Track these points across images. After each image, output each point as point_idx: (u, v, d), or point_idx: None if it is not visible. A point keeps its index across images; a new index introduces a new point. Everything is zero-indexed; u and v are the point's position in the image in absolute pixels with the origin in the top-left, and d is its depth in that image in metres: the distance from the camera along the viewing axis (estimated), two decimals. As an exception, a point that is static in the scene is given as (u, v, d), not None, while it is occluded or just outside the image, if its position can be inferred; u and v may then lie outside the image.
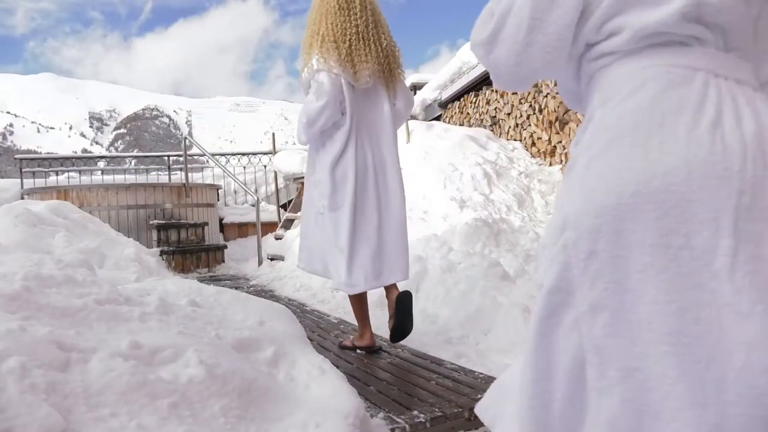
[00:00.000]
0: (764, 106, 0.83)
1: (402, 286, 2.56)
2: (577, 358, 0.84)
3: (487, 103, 7.39)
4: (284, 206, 7.89)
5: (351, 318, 3.32)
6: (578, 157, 0.88)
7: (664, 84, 0.81)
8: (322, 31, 2.37)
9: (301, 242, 2.70)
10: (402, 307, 2.42)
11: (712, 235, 0.74)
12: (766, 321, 0.72)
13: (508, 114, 6.71)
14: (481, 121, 7.60)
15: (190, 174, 7.40)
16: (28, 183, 7.36)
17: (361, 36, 2.34)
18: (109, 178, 8.01)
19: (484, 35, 0.91)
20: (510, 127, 6.67)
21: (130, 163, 10.21)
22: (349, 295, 2.56)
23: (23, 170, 7.52)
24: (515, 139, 6.52)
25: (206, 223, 6.74)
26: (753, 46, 0.86)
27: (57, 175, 7.92)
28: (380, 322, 3.13)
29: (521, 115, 6.32)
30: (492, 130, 7.13)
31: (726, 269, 0.73)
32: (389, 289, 2.53)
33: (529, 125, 6.11)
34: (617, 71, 0.87)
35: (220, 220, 7.61)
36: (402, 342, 2.63)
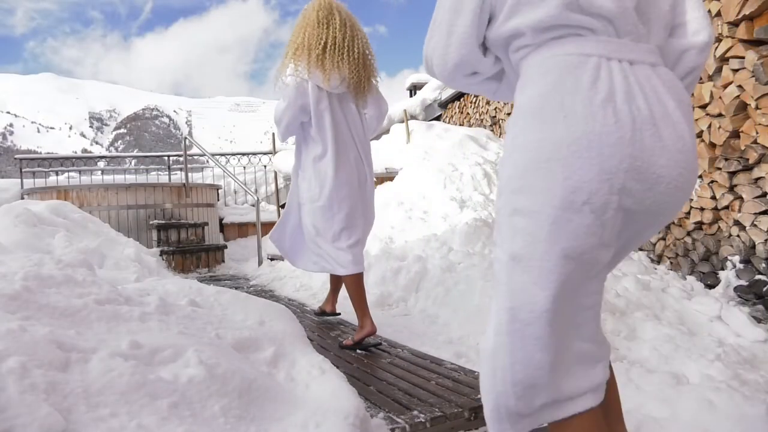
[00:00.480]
0: (660, 81, 0.98)
1: (401, 287, 2.55)
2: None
3: (487, 103, 7.39)
4: (284, 206, 7.89)
5: (351, 318, 3.31)
6: (507, 136, 1.06)
7: (561, 70, 0.97)
8: (299, 41, 2.55)
9: (280, 221, 2.92)
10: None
11: (606, 193, 0.92)
12: (609, 265, 1.01)
13: (508, 114, 6.71)
14: (481, 121, 7.60)
15: (190, 174, 7.40)
16: (28, 183, 7.36)
17: (337, 46, 2.50)
18: (109, 178, 8.01)
19: (424, 51, 1.14)
20: (510, 127, 6.67)
21: (130, 163, 10.21)
22: (348, 284, 2.68)
23: (23, 170, 7.52)
24: (515, 139, 6.51)
25: (206, 223, 6.74)
26: (646, 30, 1.01)
27: (57, 175, 7.93)
28: (380, 322, 3.13)
29: (521, 115, 6.31)
30: (492, 130, 7.13)
31: (611, 219, 0.94)
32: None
33: (529, 125, 6.11)
34: (529, 62, 1.04)
35: (220, 220, 7.61)
36: (402, 342, 2.71)
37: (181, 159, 7.71)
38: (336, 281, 3.14)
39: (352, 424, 1.30)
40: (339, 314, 3.20)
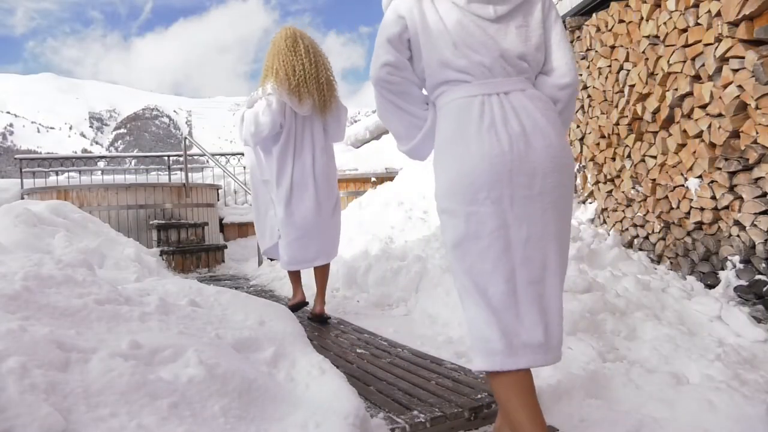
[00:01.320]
0: (529, 100, 1.41)
1: (401, 287, 2.56)
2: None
3: (487, 103, 7.39)
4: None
5: (351, 318, 3.32)
6: (434, 158, 1.52)
7: (459, 111, 1.42)
8: (275, 66, 3.08)
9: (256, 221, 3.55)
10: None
11: (500, 188, 1.35)
12: (528, 236, 1.37)
13: (508, 114, 6.71)
14: (481, 121, 7.59)
15: (190, 174, 7.40)
16: (28, 183, 7.36)
17: (307, 75, 3.06)
18: (109, 178, 8.01)
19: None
20: (510, 127, 6.67)
21: (130, 163, 10.21)
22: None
23: (23, 170, 7.51)
24: (515, 139, 6.50)
25: (206, 223, 6.73)
26: (514, 68, 1.43)
27: (57, 175, 7.92)
28: (380, 322, 3.13)
29: (521, 115, 6.31)
30: (492, 130, 7.12)
31: (509, 206, 1.36)
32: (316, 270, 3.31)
33: (529, 125, 6.11)
34: (439, 104, 1.50)
35: (220, 220, 7.60)
36: (402, 342, 2.71)
37: (181, 159, 7.70)
38: (319, 281, 3.35)
39: (352, 424, 1.30)
40: (329, 317, 3.27)
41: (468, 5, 1.40)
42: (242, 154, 8.65)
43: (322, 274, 3.29)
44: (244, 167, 8.39)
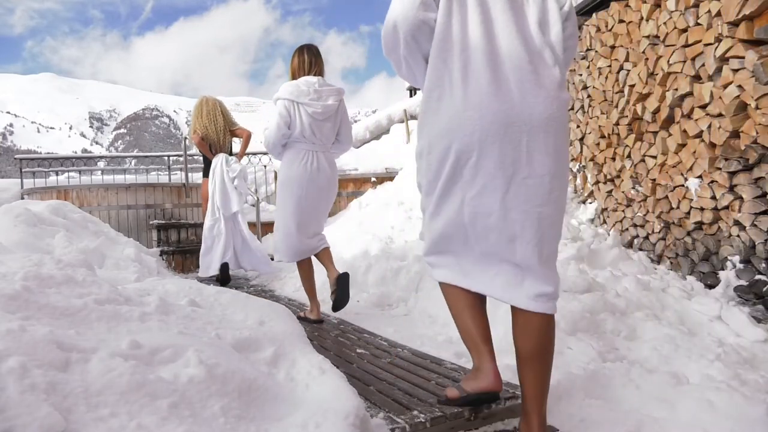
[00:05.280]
0: (324, 156, 3.27)
1: (401, 287, 2.57)
2: None
3: (487, 103, 7.38)
4: (284, 206, 7.85)
5: (351, 318, 3.32)
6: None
7: (295, 153, 3.24)
8: (198, 123, 5.00)
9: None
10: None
11: (305, 188, 3.27)
12: (314, 208, 3.34)
13: (508, 114, 6.70)
14: (481, 121, 7.58)
15: (190, 174, 7.40)
16: (28, 183, 7.36)
17: (218, 130, 5.06)
18: (109, 178, 8.01)
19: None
20: (510, 127, 6.67)
21: (130, 163, 10.21)
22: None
23: (23, 170, 7.51)
24: (515, 139, 6.50)
25: (206, 223, 6.73)
26: (321, 141, 3.25)
27: (57, 175, 7.92)
28: (380, 322, 3.13)
29: (521, 115, 6.31)
30: (492, 130, 7.11)
31: (307, 194, 3.25)
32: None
33: (529, 125, 6.11)
34: (287, 148, 3.29)
35: (220, 220, 7.58)
36: (402, 342, 2.70)
37: (181, 159, 7.70)
38: None
39: (352, 424, 1.30)
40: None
41: (313, 113, 3.14)
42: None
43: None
44: (244, 167, 8.39)
